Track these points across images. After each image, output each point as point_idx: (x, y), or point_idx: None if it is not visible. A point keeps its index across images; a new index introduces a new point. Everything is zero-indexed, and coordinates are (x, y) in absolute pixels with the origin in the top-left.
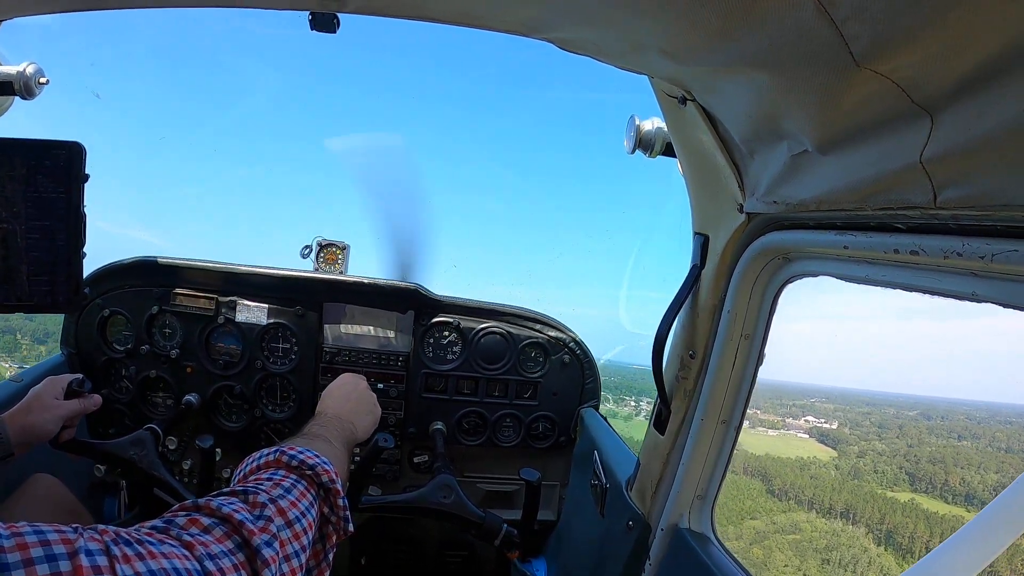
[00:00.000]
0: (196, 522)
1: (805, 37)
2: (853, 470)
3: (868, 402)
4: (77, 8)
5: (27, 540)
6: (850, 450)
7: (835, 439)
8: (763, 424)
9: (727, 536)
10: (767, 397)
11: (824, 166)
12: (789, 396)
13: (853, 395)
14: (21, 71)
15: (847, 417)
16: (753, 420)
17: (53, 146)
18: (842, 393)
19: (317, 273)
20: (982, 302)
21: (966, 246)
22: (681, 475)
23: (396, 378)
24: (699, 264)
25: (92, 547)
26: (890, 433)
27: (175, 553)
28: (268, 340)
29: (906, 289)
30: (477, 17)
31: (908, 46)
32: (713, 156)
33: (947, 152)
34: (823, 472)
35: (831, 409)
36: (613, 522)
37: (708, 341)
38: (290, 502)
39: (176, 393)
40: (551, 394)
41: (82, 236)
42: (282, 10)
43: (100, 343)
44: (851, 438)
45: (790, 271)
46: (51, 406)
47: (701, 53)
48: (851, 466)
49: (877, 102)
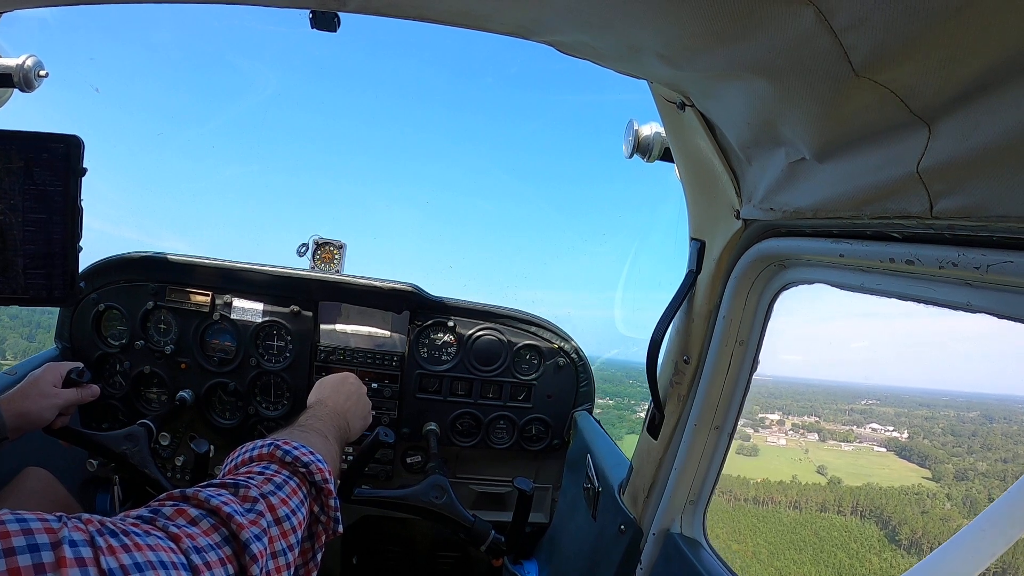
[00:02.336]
0: (183, 513)
1: (804, 45)
2: (967, 500)
3: (921, 402)
4: (76, 2)
5: (8, 529)
6: (944, 469)
7: (919, 454)
8: (833, 436)
9: None
10: (822, 401)
11: (821, 174)
12: (840, 399)
13: (895, 394)
14: (21, 64)
15: (911, 423)
16: (822, 432)
17: (51, 139)
18: (885, 392)
19: (313, 272)
20: (977, 312)
21: (962, 256)
22: (674, 480)
23: (390, 378)
24: (695, 269)
25: (76, 537)
26: (975, 443)
27: (161, 545)
28: (263, 338)
29: (901, 298)
30: (476, 18)
31: (907, 56)
32: (711, 162)
33: (944, 162)
34: (936, 506)
35: (891, 413)
36: (605, 526)
37: (703, 346)
38: (281, 499)
39: (170, 389)
40: (545, 397)
41: (78, 230)
42: (283, 8)
43: (95, 337)
44: (936, 452)
45: (785, 278)
46: (48, 393)
47: (700, 58)
48: (962, 495)
49: (875, 111)
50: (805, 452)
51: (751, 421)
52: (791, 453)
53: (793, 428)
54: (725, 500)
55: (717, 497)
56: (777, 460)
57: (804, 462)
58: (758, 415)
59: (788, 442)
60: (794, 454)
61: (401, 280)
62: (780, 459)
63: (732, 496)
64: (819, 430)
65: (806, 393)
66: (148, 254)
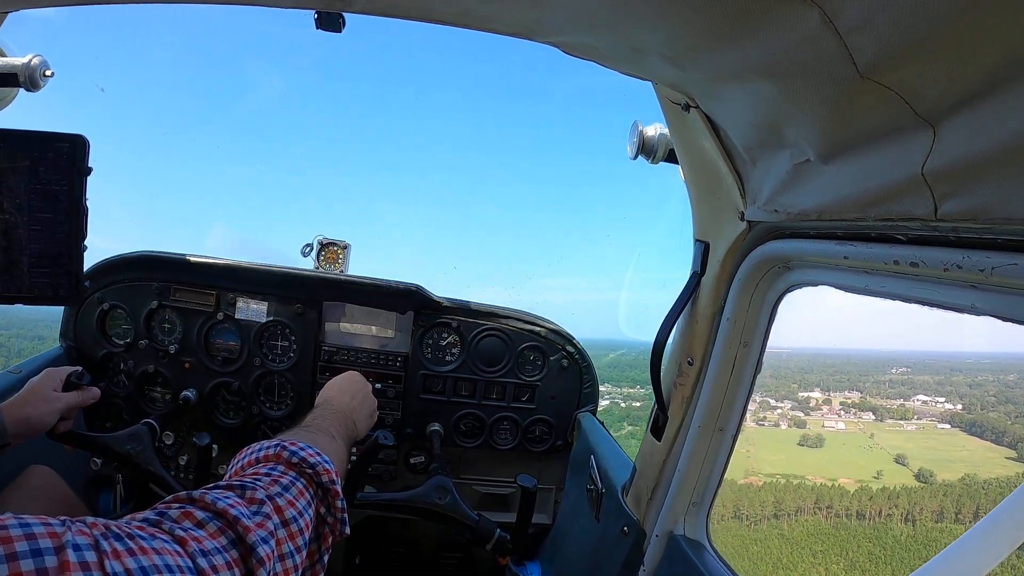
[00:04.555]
0: (190, 515)
1: (809, 47)
2: None
3: (950, 367)
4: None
5: (11, 533)
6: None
7: (992, 430)
8: (889, 414)
9: None
10: (855, 373)
11: (826, 176)
12: (868, 369)
13: (918, 359)
14: (26, 63)
15: (958, 391)
16: (877, 411)
17: (57, 139)
18: (908, 358)
19: (318, 272)
20: (981, 315)
21: (966, 259)
22: (677, 482)
23: (394, 378)
24: (699, 271)
25: (80, 541)
26: None
27: (167, 549)
28: (267, 337)
29: (905, 300)
30: (480, 19)
31: (912, 58)
32: (715, 163)
33: (949, 164)
34: None
35: (930, 382)
36: (608, 527)
37: (707, 348)
38: (288, 500)
39: (174, 388)
40: (549, 398)
41: (83, 229)
42: (288, 8)
43: (99, 337)
44: (1010, 426)
45: (790, 280)
46: (49, 398)
47: (704, 60)
48: None
49: (880, 113)
50: (870, 437)
51: (797, 403)
52: (856, 439)
53: (842, 407)
54: (823, 518)
55: (812, 517)
56: (845, 450)
57: (875, 450)
58: (799, 394)
59: (847, 425)
60: (859, 440)
61: (405, 280)
62: (848, 448)
63: (831, 512)
64: (872, 408)
65: (834, 365)
66: (152, 253)
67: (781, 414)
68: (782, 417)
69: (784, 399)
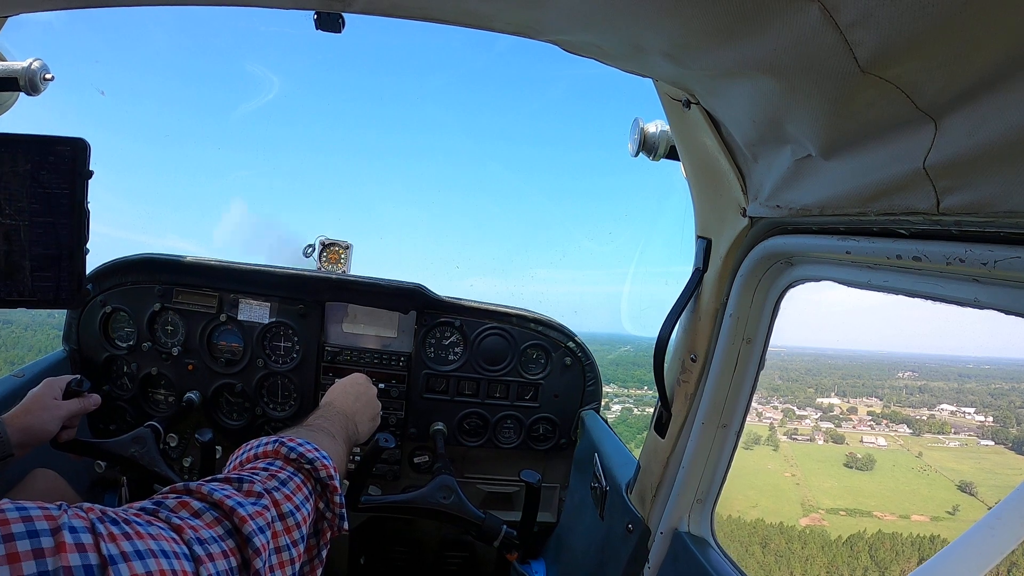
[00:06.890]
0: (186, 505)
1: (810, 42)
2: None
3: (958, 372)
4: (81, 5)
5: (8, 516)
6: None
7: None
8: (925, 427)
9: None
10: (869, 377)
11: (827, 171)
12: (876, 373)
13: (921, 362)
14: (26, 67)
15: (982, 401)
16: (912, 424)
17: (57, 142)
18: (912, 362)
19: (320, 272)
20: (984, 308)
21: (969, 252)
22: (681, 479)
23: (397, 378)
24: (701, 268)
25: (76, 524)
26: None
27: (163, 535)
28: (270, 339)
29: (908, 295)
30: (480, 18)
31: (913, 52)
32: (716, 160)
33: (951, 158)
34: None
35: (946, 389)
36: (613, 525)
37: (710, 345)
38: (285, 495)
39: (177, 390)
40: (552, 396)
41: (85, 232)
42: (288, 9)
43: (102, 340)
44: None
45: (792, 275)
46: (50, 406)
47: (704, 57)
48: None
49: (881, 107)
50: (918, 457)
51: (822, 412)
52: (904, 459)
53: (871, 417)
54: None
55: None
56: (898, 473)
57: (931, 474)
58: (816, 400)
59: (887, 440)
60: (907, 460)
61: (407, 280)
62: (900, 471)
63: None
64: (905, 420)
65: (839, 367)
66: (154, 256)
67: (813, 427)
68: (816, 431)
69: (806, 406)
